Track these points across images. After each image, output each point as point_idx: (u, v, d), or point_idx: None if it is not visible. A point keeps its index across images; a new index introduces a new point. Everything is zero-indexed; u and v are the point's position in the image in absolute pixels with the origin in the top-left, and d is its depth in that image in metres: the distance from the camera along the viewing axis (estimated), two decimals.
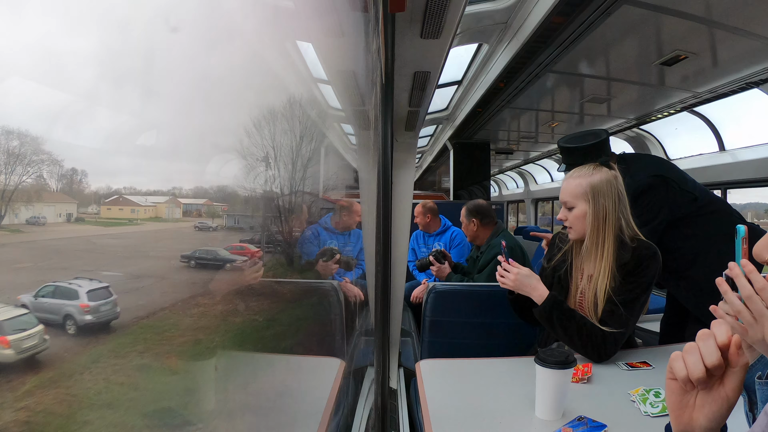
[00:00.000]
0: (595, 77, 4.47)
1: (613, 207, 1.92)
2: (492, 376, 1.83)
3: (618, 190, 1.94)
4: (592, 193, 1.93)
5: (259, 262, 1.14)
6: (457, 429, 1.45)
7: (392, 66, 1.53)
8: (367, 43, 1.67)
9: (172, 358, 0.85)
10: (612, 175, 1.95)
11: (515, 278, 1.98)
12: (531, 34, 3.20)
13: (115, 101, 0.56)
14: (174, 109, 0.69)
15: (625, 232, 1.93)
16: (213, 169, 0.89)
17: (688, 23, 3.14)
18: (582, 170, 2.00)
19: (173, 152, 0.72)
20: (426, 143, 8.72)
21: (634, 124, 5.84)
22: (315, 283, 2.13)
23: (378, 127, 1.67)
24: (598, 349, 1.86)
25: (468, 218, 3.73)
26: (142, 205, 0.78)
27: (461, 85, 4.95)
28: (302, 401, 1.58)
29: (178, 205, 0.86)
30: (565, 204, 2.01)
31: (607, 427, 1.40)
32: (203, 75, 0.74)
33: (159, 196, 0.83)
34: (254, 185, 1.08)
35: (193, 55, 0.71)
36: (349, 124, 2.36)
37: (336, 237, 3.08)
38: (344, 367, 1.92)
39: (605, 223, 1.91)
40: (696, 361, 0.84)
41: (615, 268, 1.89)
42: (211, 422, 0.93)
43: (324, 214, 2.65)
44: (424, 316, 2.64)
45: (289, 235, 1.50)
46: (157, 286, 0.74)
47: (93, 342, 0.63)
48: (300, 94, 1.51)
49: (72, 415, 0.56)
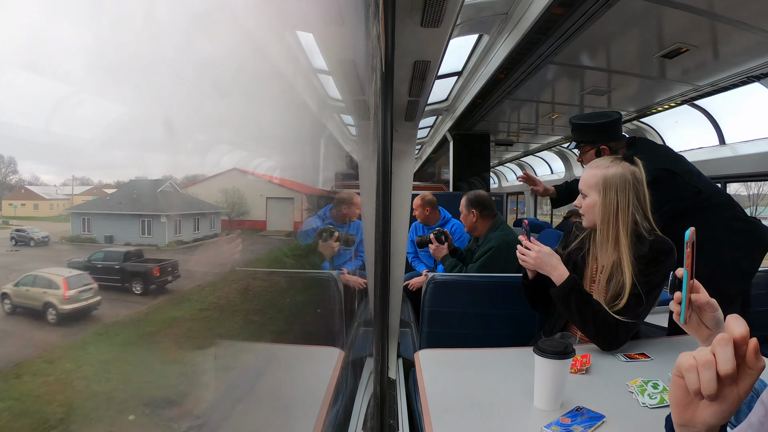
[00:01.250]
0: (595, 69, 4.46)
1: (626, 201, 1.92)
2: (491, 366, 1.83)
3: (634, 185, 1.94)
4: (604, 185, 1.94)
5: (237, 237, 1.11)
6: (455, 418, 1.46)
7: (392, 55, 1.52)
8: (368, 32, 1.66)
9: (172, 347, 0.85)
10: (629, 170, 1.95)
11: (537, 256, 1.98)
12: (531, 25, 3.18)
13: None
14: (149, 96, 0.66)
15: (641, 226, 1.93)
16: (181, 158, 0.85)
17: (690, 16, 3.13)
18: (601, 161, 2.02)
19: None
20: (426, 134, 8.70)
21: (635, 116, 5.83)
22: (314, 273, 2.12)
23: (378, 117, 1.67)
24: (610, 338, 1.87)
25: (468, 209, 3.69)
26: (49, 199, 0.65)
27: (461, 75, 4.93)
28: (301, 390, 1.58)
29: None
30: (581, 192, 2.03)
31: (605, 418, 1.41)
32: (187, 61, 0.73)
33: (82, 187, 0.68)
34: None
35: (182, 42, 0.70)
36: (348, 114, 2.35)
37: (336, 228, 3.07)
38: (343, 357, 1.93)
39: (616, 216, 1.92)
40: (710, 378, 0.79)
41: (632, 260, 1.89)
42: (210, 411, 0.93)
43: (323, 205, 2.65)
44: (423, 306, 2.64)
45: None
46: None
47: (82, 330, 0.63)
48: (298, 83, 1.51)
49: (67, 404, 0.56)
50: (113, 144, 0.62)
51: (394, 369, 2.58)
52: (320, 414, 1.53)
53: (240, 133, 1.03)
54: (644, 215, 1.96)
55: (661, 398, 1.51)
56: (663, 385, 1.57)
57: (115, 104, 0.61)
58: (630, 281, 1.88)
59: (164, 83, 0.67)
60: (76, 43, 0.49)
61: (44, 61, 0.46)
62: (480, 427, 1.41)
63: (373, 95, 1.83)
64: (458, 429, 1.40)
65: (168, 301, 0.81)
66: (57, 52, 0.47)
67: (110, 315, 0.64)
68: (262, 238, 1.27)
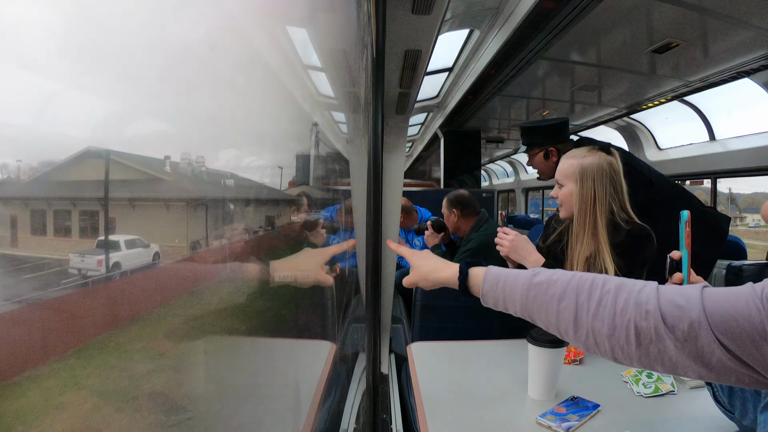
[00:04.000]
0: (585, 64, 4.46)
1: (603, 190, 1.92)
2: (484, 358, 1.83)
3: (611, 175, 1.94)
4: (581, 174, 1.94)
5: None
6: (449, 410, 1.44)
7: (383, 43, 1.51)
8: (359, 18, 1.65)
9: (161, 342, 0.83)
10: (606, 160, 1.95)
11: (512, 240, 1.99)
12: (522, 19, 3.18)
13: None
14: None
15: (618, 216, 1.93)
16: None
17: (681, 10, 3.13)
18: (577, 151, 2.02)
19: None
20: (417, 131, 8.70)
21: (625, 113, 5.85)
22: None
23: (368, 109, 1.65)
24: None
25: (449, 209, 3.68)
26: None
27: (452, 72, 4.93)
28: (294, 383, 1.57)
29: None
30: (557, 181, 2.03)
31: (600, 407, 1.40)
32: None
33: None
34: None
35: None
36: (339, 105, 2.33)
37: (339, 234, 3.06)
38: (335, 351, 1.91)
39: (593, 205, 1.92)
40: None
41: (610, 249, 1.89)
42: (200, 406, 0.91)
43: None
44: (415, 300, 2.63)
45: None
46: None
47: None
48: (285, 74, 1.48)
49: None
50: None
51: (387, 364, 2.57)
52: (312, 407, 1.51)
53: (223, 128, 1.01)
54: (621, 206, 1.96)
55: (655, 387, 1.50)
56: (657, 375, 1.56)
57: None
58: (613, 270, 1.87)
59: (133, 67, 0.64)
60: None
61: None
62: (474, 418, 1.40)
63: (364, 87, 1.82)
64: (452, 420, 1.39)
65: (157, 297, 0.79)
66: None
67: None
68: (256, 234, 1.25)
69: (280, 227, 1.48)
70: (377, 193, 1.68)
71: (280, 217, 1.53)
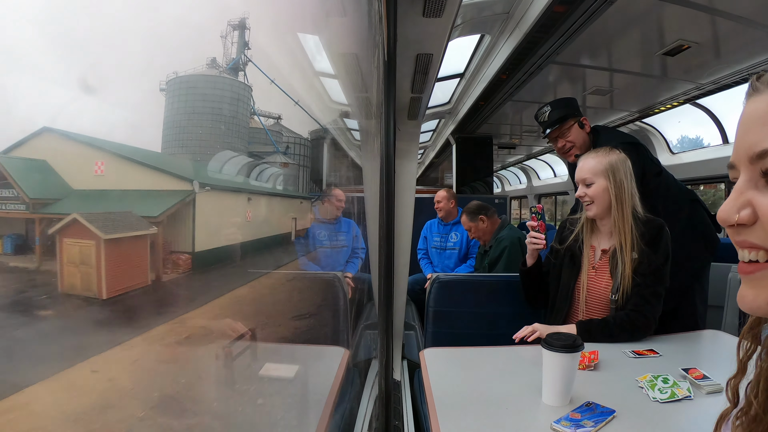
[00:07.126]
0: (597, 68, 4.45)
1: (629, 184, 2.08)
2: (497, 364, 1.81)
3: (630, 170, 2.10)
4: (612, 170, 2.07)
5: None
6: (462, 416, 1.43)
7: (394, 46, 1.51)
8: (370, 22, 1.65)
9: (175, 348, 0.84)
10: (624, 158, 2.10)
11: (535, 326, 2.05)
12: (533, 24, 3.17)
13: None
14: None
15: (638, 209, 2.08)
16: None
17: (691, 12, 3.12)
18: (599, 151, 2.15)
19: None
20: (428, 138, 8.69)
21: (637, 117, 5.81)
22: (319, 274, 2.11)
23: (380, 114, 1.65)
24: (643, 329, 2.00)
25: (473, 219, 3.75)
26: None
27: (463, 77, 4.92)
28: (307, 388, 1.57)
29: None
30: (584, 181, 2.13)
31: (616, 413, 1.38)
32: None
33: None
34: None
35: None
36: (351, 111, 2.34)
37: (325, 226, 3.09)
38: (348, 357, 1.91)
39: (627, 196, 2.06)
40: None
41: (639, 240, 2.02)
42: (218, 410, 0.91)
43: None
44: (428, 306, 2.62)
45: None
46: None
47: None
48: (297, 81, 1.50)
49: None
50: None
51: (399, 371, 2.56)
52: (324, 413, 1.51)
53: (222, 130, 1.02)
54: (638, 199, 2.11)
55: (671, 393, 1.48)
56: (673, 380, 1.54)
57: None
58: (641, 263, 2.01)
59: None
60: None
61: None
62: (488, 424, 1.39)
63: (376, 92, 1.82)
64: (465, 427, 1.37)
65: (175, 303, 0.80)
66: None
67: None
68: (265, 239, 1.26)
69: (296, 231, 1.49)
70: (390, 198, 1.68)
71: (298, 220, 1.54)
